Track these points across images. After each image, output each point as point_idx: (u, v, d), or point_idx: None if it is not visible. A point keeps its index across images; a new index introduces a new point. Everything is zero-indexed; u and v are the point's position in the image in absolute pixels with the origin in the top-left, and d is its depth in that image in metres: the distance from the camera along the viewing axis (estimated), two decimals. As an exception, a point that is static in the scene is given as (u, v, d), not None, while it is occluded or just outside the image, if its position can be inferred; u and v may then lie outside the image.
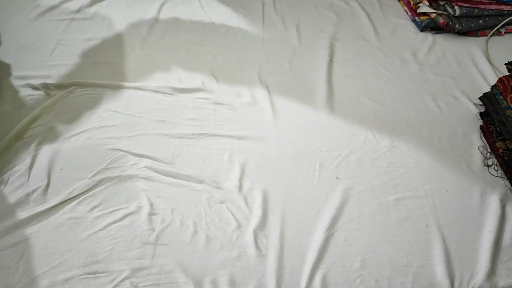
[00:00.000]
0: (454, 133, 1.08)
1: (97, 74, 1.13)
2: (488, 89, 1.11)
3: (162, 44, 1.26)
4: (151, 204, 0.88)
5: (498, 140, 1.01)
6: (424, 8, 1.38)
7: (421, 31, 1.39)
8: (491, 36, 1.37)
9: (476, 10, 1.32)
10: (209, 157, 0.97)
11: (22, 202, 0.86)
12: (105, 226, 0.84)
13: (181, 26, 1.33)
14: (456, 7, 1.31)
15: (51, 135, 0.98)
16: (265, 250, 0.83)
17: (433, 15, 1.37)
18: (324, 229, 0.86)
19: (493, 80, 1.20)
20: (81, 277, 0.77)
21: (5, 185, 0.89)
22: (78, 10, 1.33)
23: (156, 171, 0.94)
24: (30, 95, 1.07)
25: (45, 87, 1.08)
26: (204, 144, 1.00)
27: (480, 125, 1.09)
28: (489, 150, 1.04)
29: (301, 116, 1.08)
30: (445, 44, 1.35)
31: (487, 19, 1.35)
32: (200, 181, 0.93)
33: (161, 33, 1.29)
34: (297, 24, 1.37)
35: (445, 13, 1.35)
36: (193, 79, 1.16)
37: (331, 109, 1.10)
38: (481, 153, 1.04)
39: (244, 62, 1.23)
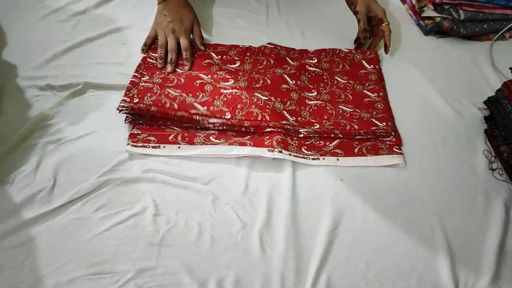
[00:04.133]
0: (459, 137, 1.08)
1: (104, 75, 1.13)
2: (492, 93, 1.11)
3: (167, 46, 1.26)
4: (156, 205, 0.88)
5: (503, 144, 1.01)
6: (429, 12, 1.38)
7: (426, 35, 1.39)
8: (495, 40, 1.37)
9: (481, 15, 1.32)
10: (215, 158, 0.97)
11: (28, 202, 0.87)
12: (110, 227, 0.85)
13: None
14: (461, 11, 1.31)
15: (57, 136, 0.99)
16: (270, 251, 0.84)
17: (438, 19, 1.37)
18: (329, 230, 0.86)
19: (498, 84, 1.20)
20: (86, 277, 0.78)
21: (11, 185, 0.89)
22: (84, 11, 1.33)
23: (161, 172, 0.94)
24: (36, 95, 1.07)
25: (52, 88, 1.08)
26: (209, 146, 1.00)
27: (485, 129, 1.09)
28: (493, 154, 1.04)
29: (305, 119, 1.08)
30: (450, 48, 1.35)
31: (491, 23, 1.35)
32: (205, 183, 0.93)
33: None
34: (301, 27, 1.38)
35: (449, 17, 1.35)
36: (198, 81, 1.16)
37: (335, 112, 1.10)
38: (486, 157, 1.04)
39: (248, 64, 1.23)
